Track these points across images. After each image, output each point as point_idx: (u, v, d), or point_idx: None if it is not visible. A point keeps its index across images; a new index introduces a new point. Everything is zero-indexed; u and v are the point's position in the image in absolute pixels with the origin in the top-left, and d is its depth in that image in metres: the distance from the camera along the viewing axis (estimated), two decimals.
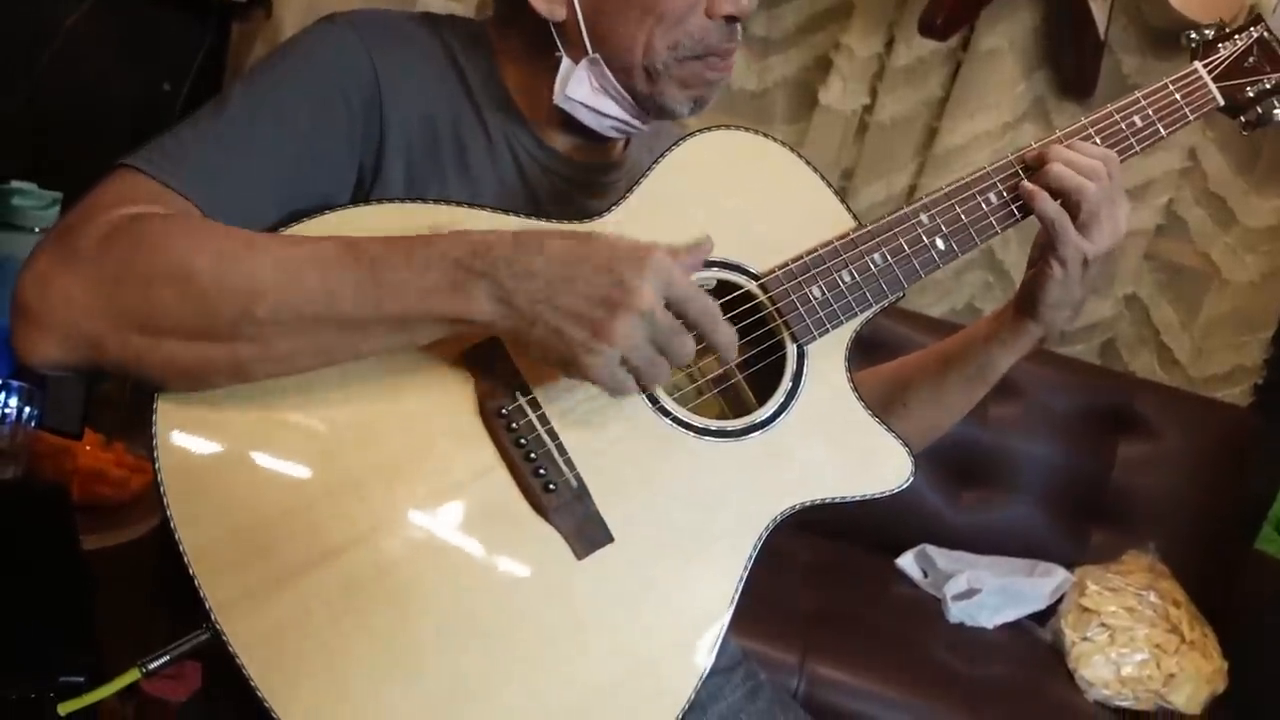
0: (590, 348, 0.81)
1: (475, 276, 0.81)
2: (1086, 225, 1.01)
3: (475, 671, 0.83)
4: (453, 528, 0.85)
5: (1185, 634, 1.96)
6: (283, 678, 0.79)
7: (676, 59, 0.97)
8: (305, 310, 0.80)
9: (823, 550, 2.16)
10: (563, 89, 0.99)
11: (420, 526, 0.84)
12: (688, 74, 0.99)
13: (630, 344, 0.81)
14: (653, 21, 0.96)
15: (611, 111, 1.01)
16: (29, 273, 0.81)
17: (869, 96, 2.40)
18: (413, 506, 0.84)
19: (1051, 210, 1.01)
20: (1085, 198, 1.00)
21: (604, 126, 1.03)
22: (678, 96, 1.00)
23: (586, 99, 1.00)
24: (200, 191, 0.85)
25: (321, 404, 0.84)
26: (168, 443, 0.81)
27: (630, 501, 0.90)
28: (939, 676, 1.87)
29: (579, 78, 0.99)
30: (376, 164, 0.95)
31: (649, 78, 0.98)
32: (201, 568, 0.79)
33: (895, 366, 1.19)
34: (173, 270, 0.79)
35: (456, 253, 0.81)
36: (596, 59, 0.98)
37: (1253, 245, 2.35)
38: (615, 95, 1.00)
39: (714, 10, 0.97)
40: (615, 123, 1.02)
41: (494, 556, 0.86)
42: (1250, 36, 1.13)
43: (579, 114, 1.01)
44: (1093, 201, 1.00)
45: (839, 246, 1.00)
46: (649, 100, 1.00)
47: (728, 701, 1.13)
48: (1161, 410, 2.29)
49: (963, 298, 2.46)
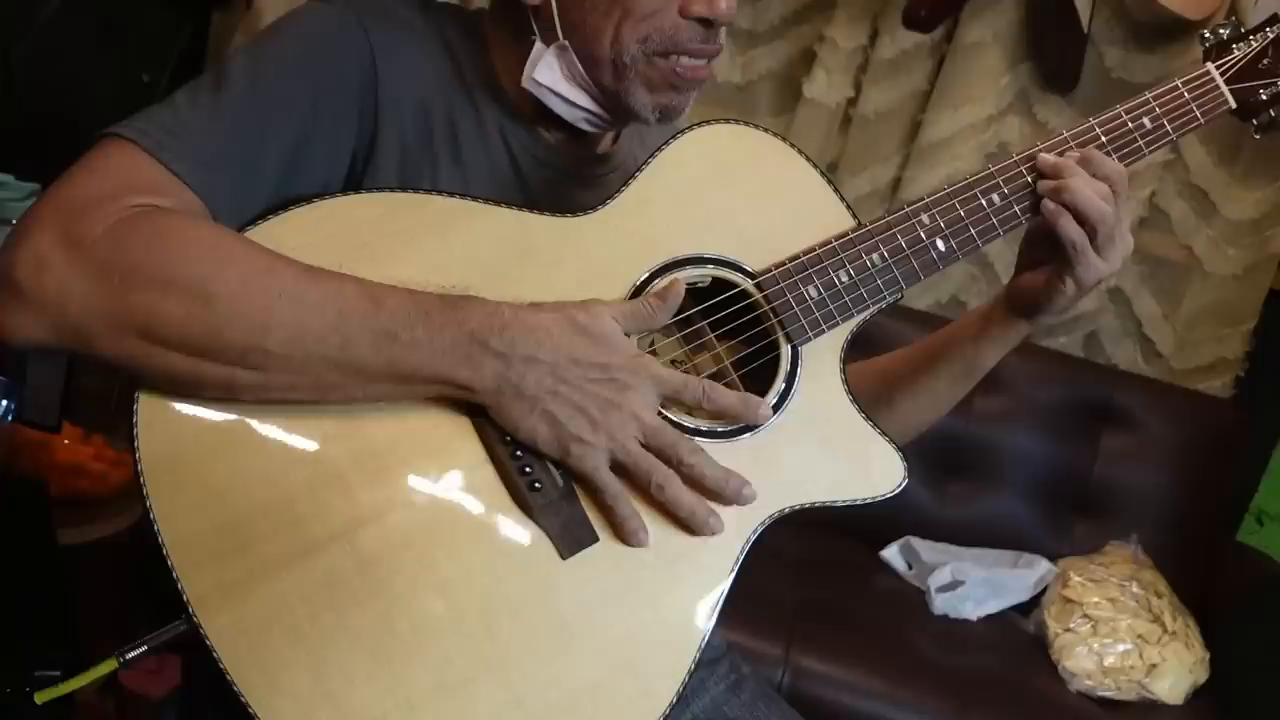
0: (581, 439, 0.86)
1: (489, 354, 0.84)
2: (1103, 247, 1.00)
3: (456, 670, 0.82)
4: (436, 525, 0.84)
5: (1167, 624, 1.97)
6: (260, 672, 0.78)
7: (645, 53, 0.95)
8: (316, 351, 0.81)
9: (807, 543, 2.16)
10: (530, 70, 0.98)
11: (403, 523, 0.83)
12: (655, 74, 0.96)
13: (618, 442, 0.86)
14: (620, 14, 0.94)
15: (581, 102, 0.99)
16: (26, 249, 0.78)
17: (853, 89, 2.40)
18: (396, 503, 0.84)
19: (1074, 233, 0.99)
20: (1104, 221, 0.98)
21: (575, 117, 1.01)
22: (644, 100, 0.97)
23: (555, 85, 0.98)
24: (203, 181, 0.84)
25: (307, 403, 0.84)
26: (149, 434, 0.80)
27: None
28: (923, 668, 1.87)
29: (547, 62, 0.97)
30: (370, 149, 0.94)
31: (615, 72, 0.96)
32: (180, 560, 0.79)
33: (881, 362, 1.19)
34: (188, 289, 0.79)
35: (473, 324, 0.84)
36: (565, 46, 0.96)
37: (1235, 238, 2.35)
38: (584, 85, 0.98)
39: (687, 10, 0.95)
40: (586, 114, 1.01)
41: (478, 555, 0.85)
42: (1266, 38, 1.08)
43: (549, 101, 0.99)
44: (1110, 225, 0.99)
45: (837, 246, 0.98)
46: (615, 99, 0.98)
47: (711, 695, 1.13)
48: (1144, 403, 2.29)
49: (947, 291, 2.46)
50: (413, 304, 0.83)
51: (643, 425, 0.87)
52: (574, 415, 0.85)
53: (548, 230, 0.93)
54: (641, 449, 0.87)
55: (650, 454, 0.88)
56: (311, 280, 0.82)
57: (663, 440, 0.88)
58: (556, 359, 0.85)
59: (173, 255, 0.79)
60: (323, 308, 0.81)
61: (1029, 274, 1.06)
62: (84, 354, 0.80)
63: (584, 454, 0.86)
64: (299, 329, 0.80)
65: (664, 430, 0.88)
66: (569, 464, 0.87)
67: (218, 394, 0.81)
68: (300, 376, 0.81)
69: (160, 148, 0.84)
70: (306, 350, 0.80)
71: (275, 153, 0.89)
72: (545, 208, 0.94)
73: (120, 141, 0.84)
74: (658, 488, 0.87)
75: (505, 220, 0.92)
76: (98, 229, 0.79)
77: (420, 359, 0.83)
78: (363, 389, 0.83)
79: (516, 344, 0.84)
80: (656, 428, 0.87)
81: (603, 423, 0.86)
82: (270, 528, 0.81)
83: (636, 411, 0.87)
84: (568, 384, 0.85)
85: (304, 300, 0.80)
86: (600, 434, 0.86)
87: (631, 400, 0.86)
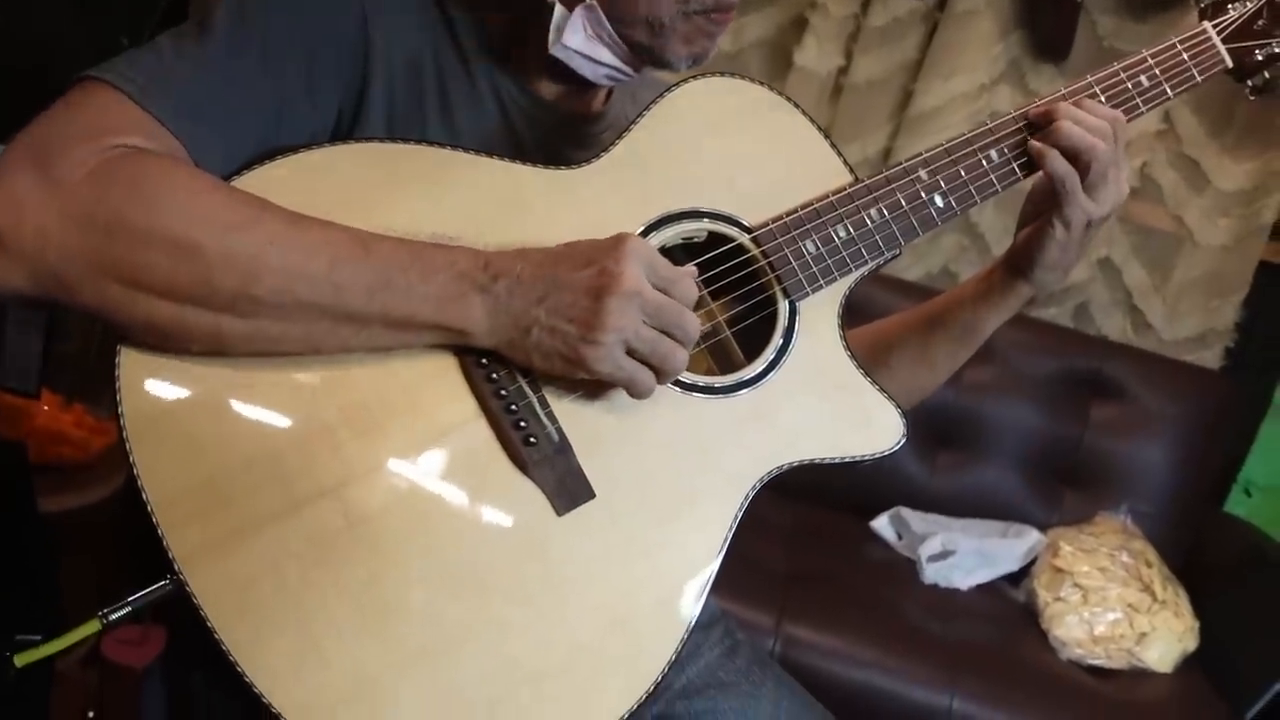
0: (587, 339, 0.81)
1: (475, 290, 0.82)
2: (1094, 187, 0.99)
3: (449, 628, 0.80)
4: (428, 481, 0.82)
5: (1157, 593, 1.98)
6: (248, 630, 0.76)
7: (684, 14, 0.93)
8: (306, 297, 0.78)
9: (797, 513, 2.16)
10: (558, 37, 0.95)
11: (394, 479, 0.81)
12: (692, 28, 0.94)
13: (625, 327, 0.81)
14: None
15: (605, 59, 0.97)
16: (0, 190, 0.75)
17: (844, 58, 2.38)
18: (386, 458, 0.82)
19: (1062, 170, 0.99)
20: (1096, 158, 0.98)
21: (598, 75, 0.99)
22: (680, 51, 0.96)
23: (582, 47, 0.95)
24: (186, 127, 0.81)
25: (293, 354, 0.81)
26: (132, 389, 0.78)
27: (613, 457, 0.87)
28: (914, 637, 1.87)
29: (574, 25, 0.94)
30: (358, 105, 0.92)
31: (651, 31, 0.94)
32: (165, 517, 0.76)
33: (879, 327, 1.18)
34: (175, 234, 0.76)
35: (463, 265, 0.82)
36: (593, 5, 0.93)
37: (1225, 208, 2.35)
38: (609, 43, 0.96)
39: None
40: (609, 70, 0.98)
41: (471, 511, 0.83)
42: None
43: (573, 62, 0.97)
44: (1102, 162, 0.98)
45: (835, 201, 0.97)
46: (648, 52, 0.96)
47: (706, 659, 1.12)
48: (1134, 374, 2.29)
49: (938, 262, 2.45)
50: (404, 250, 0.81)
51: (645, 303, 0.82)
52: (574, 318, 0.82)
53: (540, 182, 0.91)
54: (652, 329, 0.83)
55: (658, 332, 0.84)
56: (301, 227, 0.80)
57: (666, 316, 0.83)
58: (538, 274, 0.82)
59: (158, 200, 0.76)
60: (314, 254, 0.79)
61: (1026, 231, 1.06)
62: (64, 303, 0.78)
63: (600, 356, 0.82)
64: (290, 276, 0.78)
65: (666, 305, 0.83)
66: (591, 371, 0.83)
67: (204, 346, 0.79)
68: (291, 325, 0.79)
69: (142, 92, 0.81)
70: (298, 297, 0.78)
71: (260, 103, 0.86)
72: (537, 161, 0.92)
73: (100, 84, 0.81)
74: (662, 357, 0.84)
75: (496, 172, 0.90)
76: (78, 171, 0.76)
77: (414, 305, 0.81)
78: (355, 336, 0.81)
79: (500, 274, 0.82)
80: (658, 303, 0.83)
81: (604, 314, 0.81)
82: (257, 484, 0.79)
83: (635, 290, 0.81)
84: (557, 287, 0.82)
85: (294, 247, 0.78)
86: (608, 330, 0.81)
87: (627, 281, 0.81)
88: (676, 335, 0.84)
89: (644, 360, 0.84)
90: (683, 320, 0.84)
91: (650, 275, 0.83)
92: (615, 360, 0.83)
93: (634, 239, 0.83)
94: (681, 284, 0.84)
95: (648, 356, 0.84)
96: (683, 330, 0.84)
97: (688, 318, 0.84)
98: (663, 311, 0.83)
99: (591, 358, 0.82)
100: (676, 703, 1.07)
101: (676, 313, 0.83)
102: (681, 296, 0.84)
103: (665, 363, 0.84)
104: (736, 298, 0.96)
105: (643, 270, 0.82)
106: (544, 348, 0.83)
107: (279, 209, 0.80)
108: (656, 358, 0.84)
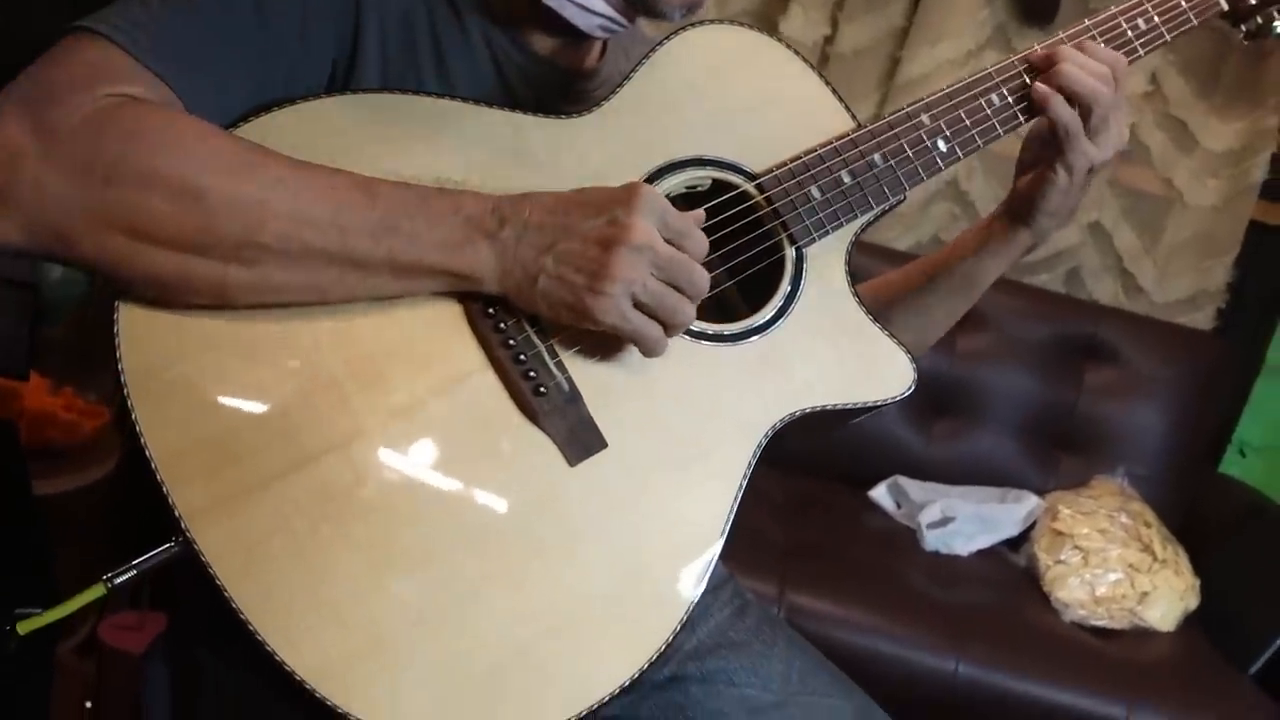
0: (594, 289, 0.79)
1: (483, 236, 0.80)
2: (1096, 131, 0.99)
3: (461, 582, 0.79)
4: (437, 433, 0.81)
5: (1157, 553, 1.98)
6: (258, 587, 0.74)
7: None
8: (313, 243, 0.77)
9: (793, 485, 2.15)
10: None
11: (402, 431, 0.80)
12: None
13: (634, 280, 0.80)
14: None
15: (598, 8, 0.95)
16: None
17: (830, 26, 2.36)
18: (394, 411, 0.80)
19: (1066, 114, 0.98)
20: (1098, 102, 0.97)
21: (591, 25, 0.97)
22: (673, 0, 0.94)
23: None
24: (180, 78, 0.79)
25: (298, 306, 0.79)
26: (132, 345, 0.76)
27: (624, 406, 0.86)
28: (919, 604, 1.86)
29: None
30: (351, 59, 0.90)
31: None
32: (170, 474, 0.74)
33: (879, 282, 1.17)
34: (177, 182, 0.74)
35: (469, 209, 0.80)
36: None
37: (1214, 169, 2.35)
38: None
39: None
40: (603, 20, 0.96)
41: (481, 463, 0.81)
42: None
43: (566, 11, 0.95)
44: (1104, 106, 0.98)
45: (838, 146, 0.96)
46: (641, 2, 0.94)
47: (716, 620, 1.10)
48: (1127, 337, 2.29)
49: (928, 231, 2.44)
50: (410, 194, 0.80)
51: (655, 255, 0.81)
52: (581, 267, 0.80)
53: (541, 131, 0.90)
54: (660, 283, 0.81)
55: (666, 286, 0.82)
56: (304, 173, 0.78)
57: (676, 270, 0.82)
58: (547, 221, 0.81)
59: (158, 147, 0.74)
60: (318, 199, 0.77)
61: (1026, 177, 1.05)
62: (63, 257, 0.76)
63: (606, 307, 0.80)
64: (295, 221, 0.76)
65: (676, 259, 0.82)
66: (596, 322, 0.81)
67: (208, 297, 0.77)
68: (296, 273, 0.77)
69: (134, 43, 0.78)
70: (304, 243, 0.76)
71: (254, 55, 0.84)
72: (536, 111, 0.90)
73: (90, 35, 0.78)
74: (670, 311, 0.82)
75: (496, 121, 0.89)
76: (74, 118, 0.73)
77: (420, 250, 0.79)
78: (361, 284, 0.79)
79: (507, 218, 0.80)
80: (669, 256, 0.81)
81: (613, 266, 0.79)
82: (264, 439, 0.77)
83: (645, 242, 0.80)
84: (567, 234, 0.80)
85: (299, 192, 0.76)
86: (615, 281, 0.79)
87: (637, 232, 0.79)
88: (685, 289, 0.82)
89: (651, 314, 0.82)
90: (692, 274, 0.82)
91: (662, 227, 0.81)
92: (621, 312, 0.81)
93: (647, 188, 0.81)
94: (693, 237, 0.83)
95: (655, 310, 0.82)
96: (692, 285, 0.82)
97: (698, 272, 0.82)
98: (673, 265, 0.81)
99: (598, 309, 0.80)
100: (688, 664, 1.05)
101: (687, 266, 0.82)
102: (693, 250, 0.83)
103: (673, 317, 0.83)
104: (738, 247, 0.95)
105: (655, 221, 0.81)
106: (551, 297, 0.81)
107: (281, 155, 0.78)
108: (664, 311, 0.82)
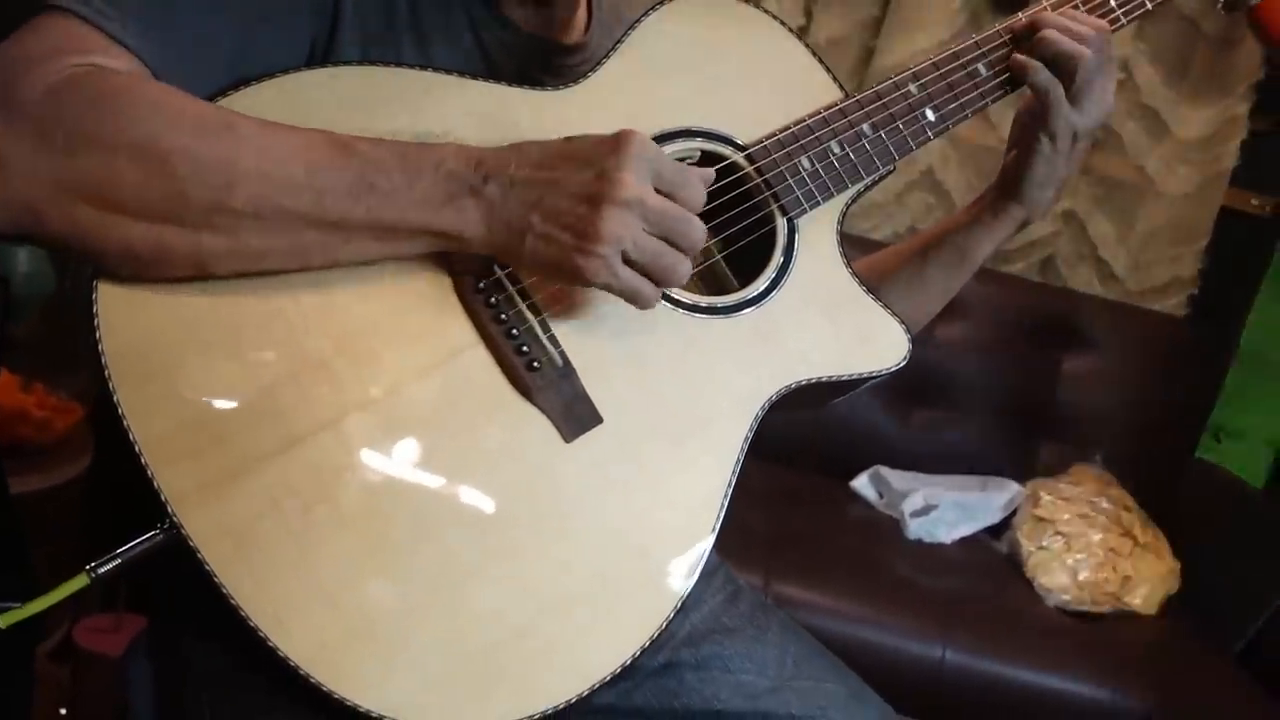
0: (583, 249, 0.76)
1: (466, 193, 0.77)
2: (1079, 96, 0.98)
3: (458, 561, 0.77)
4: (429, 411, 0.79)
5: (1138, 537, 1.99)
6: (249, 571, 0.72)
7: None
8: (287, 205, 0.73)
9: (775, 476, 2.13)
10: None
11: (393, 410, 0.78)
12: None
13: (624, 237, 0.76)
14: None
15: None
16: None
17: (804, 17, 2.37)
18: (384, 389, 0.78)
19: (1044, 80, 0.98)
20: (1081, 65, 0.97)
21: None
22: None
23: None
24: (150, 49, 0.76)
25: (283, 281, 0.77)
26: (112, 325, 0.73)
27: (618, 381, 0.84)
28: (904, 592, 1.86)
29: None
30: (330, 36, 0.87)
31: None
32: (155, 457, 0.72)
33: (871, 260, 1.17)
34: (142, 147, 0.71)
35: (451, 164, 0.77)
36: None
37: (1185, 156, 2.37)
38: None
39: None
40: None
41: (475, 440, 0.79)
42: None
43: None
44: (1087, 69, 0.97)
45: (827, 116, 0.95)
46: None
47: (709, 606, 1.09)
48: (1102, 324, 2.31)
49: (905, 221, 2.44)
50: (387, 150, 0.76)
51: (646, 210, 0.77)
52: (568, 225, 0.76)
53: (526, 104, 0.88)
54: (652, 238, 0.78)
55: (659, 240, 0.79)
56: (275, 131, 0.75)
57: (670, 223, 0.78)
58: (534, 176, 0.77)
59: (122, 112, 0.71)
60: (291, 158, 0.74)
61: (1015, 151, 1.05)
62: (35, 236, 0.73)
63: (596, 268, 0.77)
64: (266, 183, 0.73)
65: (669, 212, 0.78)
66: (587, 282, 0.78)
67: (185, 268, 0.74)
68: (274, 238, 0.74)
69: (103, 16, 0.76)
70: (277, 206, 0.73)
71: (228, 30, 0.81)
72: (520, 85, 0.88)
73: (58, 11, 0.76)
74: (663, 269, 0.79)
75: (480, 92, 0.87)
76: (37, 89, 0.71)
77: (401, 209, 0.76)
78: (343, 247, 0.76)
79: (492, 173, 0.77)
80: (661, 210, 0.78)
81: (600, 223, 0.76)
82: (251, 420, 0.74)
83: (635, 197, 0.76)
84: (554, 190, 0.77)
85: (268, 153, 0.73)
86: (603, 241, 0.76)
87: (626, 187, 0.76)
88: (680, 244, 0.79)
89: (643, 270, 0.79)
90: (688, 227, 0.79)
91: (654, 177, 0.78)
92: (613, 270, 0.77)
93: (638, 136, 0.77)
94: (689, 188, 0.80)
95: (647, 267, 0.78)
96: (687, 238, 0.79)
97: (693, 225, 0.79)
98: (666, 218, 0.78)
99: (588, 270, 0.77)
100: (682, 650, 1.04)
101: (682, 220, 0.78)
102: (688, 201, 0.79)
103: (667, 274, 0.79)
104: (730, 218, 0.94)
105: (646, 172, 0.77)
106: (539, 256, 0.78)
107: (250, 117, 0.75)
108: (657, 269, 0.79)
